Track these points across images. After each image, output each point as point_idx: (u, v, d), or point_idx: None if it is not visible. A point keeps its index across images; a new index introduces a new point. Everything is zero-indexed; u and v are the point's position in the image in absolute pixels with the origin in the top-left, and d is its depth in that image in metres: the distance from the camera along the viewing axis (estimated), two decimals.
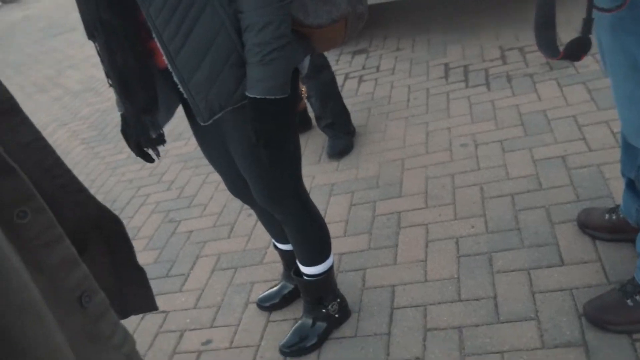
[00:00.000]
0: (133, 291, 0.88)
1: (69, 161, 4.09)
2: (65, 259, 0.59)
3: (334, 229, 2.48)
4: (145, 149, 1.59)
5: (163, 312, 2.33)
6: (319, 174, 2.95)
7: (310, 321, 1.96)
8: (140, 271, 0.88)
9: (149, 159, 1.62)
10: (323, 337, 1.95)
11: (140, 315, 2.34)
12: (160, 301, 2.39)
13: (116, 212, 3.20)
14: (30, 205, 0.56)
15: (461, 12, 4.52)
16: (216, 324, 2.17)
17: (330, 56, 4.40)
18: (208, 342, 2.10)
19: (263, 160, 1.57)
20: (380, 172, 2.80)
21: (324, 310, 1.95)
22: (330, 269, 1.93)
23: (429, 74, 3.65)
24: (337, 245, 2.38)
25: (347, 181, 2.81)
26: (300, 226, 1.80)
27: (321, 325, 1.95)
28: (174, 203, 3.10)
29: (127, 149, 3.86)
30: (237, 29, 1.40)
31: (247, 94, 1.42)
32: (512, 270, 1.99)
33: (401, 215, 2.45)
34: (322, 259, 1.89)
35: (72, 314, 0.60)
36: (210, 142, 1.73)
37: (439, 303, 1.96)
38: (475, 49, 3.79)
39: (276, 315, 2.13)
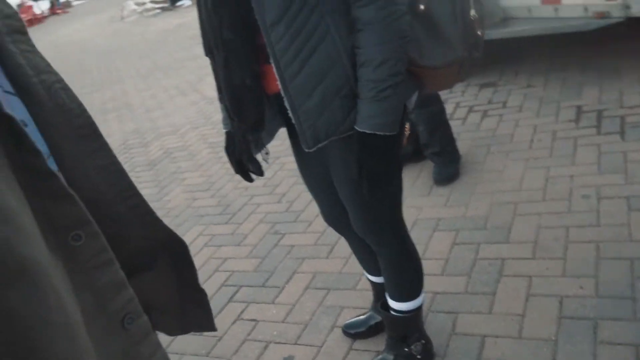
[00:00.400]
0: (193, 310, 0.92)
1: (195, 162, 4.35)
2: (113, 281, 0.62)
3: (431, 266, 2.42)
4: (246, 168, 1.65)
5: (254, 320, 2.39)
6: (427, 207, 2.89)
7: (391, 357, 1.92)
8: (201, 293, 0.91)
9: (249, 178, 1.68)
10: None
11: (232, 319, 2.42)
12: (252, 309, 2.46)
13: (227, 217, 3.35)
14: (85, 229, 0.59)
15: (601, 51, 4.25)
16: (300, 342, 2.20)
17: (457, 87, 4.31)
18: (290, 357, 2.13)
19: (364, 192, 1.57)
20: (490, 213, 2.69)
21: (406, 349, 1.91)
22: (419, 308, 1.88)
23: (558, 115, 3.47)
24: (433, 283, 2.32)
25: (454, 218, 2.73)
26: (394, 260, 1.78)
27: None
28: (282, 216, 3.19)
29: None
30: (352, 62, 1.41)
31: (356, 127, 1.43)
32: (619, 344, 1.83)
33: (505, 263, 2.33)
34: (412, 297, 1.85)
35: (114, 335, 0.62)
36: (311, 168, 1.76)
37: None
38: (614, 93, 3.54)
39: (360, 344, 2.11)
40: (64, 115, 0.68)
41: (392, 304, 1.86)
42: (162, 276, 0.84)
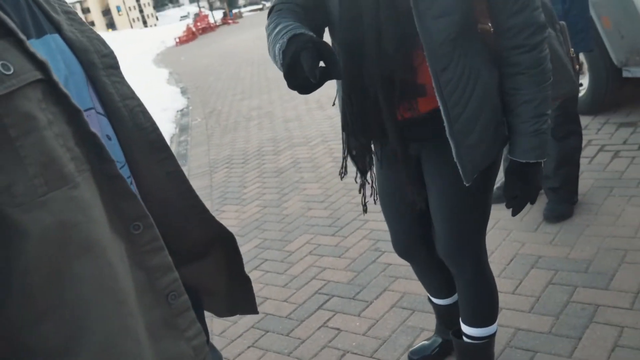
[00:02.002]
0: (240, 295, 1.09)
1: (317, 174, 4.57)
2: (162, 264, 0.77)
3: (520, 302, 2.39)
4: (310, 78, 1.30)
5: (337, 329, 2.52)
6: (530, 243, 2.83)
7: None
8: (246, 279, 1.07)
9: (305, 91, 1.27)
10: None
11: (318, 326, 2.56)
12: (338, 319, 2.59)
13: (335, 230, 3.50)
14: (143, 221, 0.75)
15: None
16: (376, 356, 2.28)
17: (593, 124, 4.13)
18: None
19: (470, 210, 1.69)
20: (595, 257, 2.58)
21: None
22: (492, 336, 1.89)
23: None
24: (518, 319, 2.29)
25: (556, 258, 2.65)
26: (473, 282, 1.81)
27: None
28: (386, 234, 3.26)
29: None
30: (498, 94, 1.56)
31: (517, 159, 1.59)
32: None
33: (598, 309, 2.24)
34: (486, 323, 1.86)
35: (158, 306, 0.77)
36: (395, 191, 1.83)
37: None
38: None
39: None
40: (140, 132, 0.85)
41: (466, 329, 1.89)
42: (214, 264, 1.00)
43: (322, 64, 1.20)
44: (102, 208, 0.70)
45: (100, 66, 0.82)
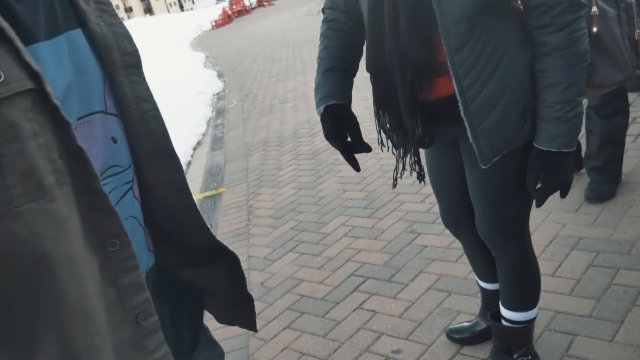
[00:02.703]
0: (241, 310, 1.10)
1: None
2: (135, 283, 0.76)
3: (560, 285, 2.34)
4: (357, 151, 1.65)
5: (373, 311, 2.52)
6: (571, 224, 2.77)
7: None
8: (249, 298, 1.08)
9: (357, 166, 1.67)
10: None
11: (353, 307, 2.57)
12: (374, 302, 2.58)
13: (370, 211, 3.49)
14: (120, 239, 0.74)
15: None
16: (411, 338, 2.27)
17: (637, 99, 3.99)
18: (398, 351, 2.22)
19: (509, 196, 1.63)
20: (638, 239, 2.50)
21: None
22: (532, 321, 1.86)
23: None
24: (557, 302, 2.25)
25: (598, 239, 2.59)
26: (514, 267, 1.78)
27: None
28: (422, 216, 3.25)
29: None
30: (527, 77, 1.48)
31: (538, 146, 1.49)
32: None
33: None
34: (526, 307, 1.84)
35: (127, 326, 0.75)
36: (445, 170, 1.82)
37: None
38: None
39: (468, 349, 2.13)
40: (150, 137, 0.84)
41: (505, 312, 1.86)
42: (220, 274, 1.01)
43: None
44: (78, 223, 0.69)
45: (119, 65, 0.81)
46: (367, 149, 1.62)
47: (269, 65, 11.02)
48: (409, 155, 1.73)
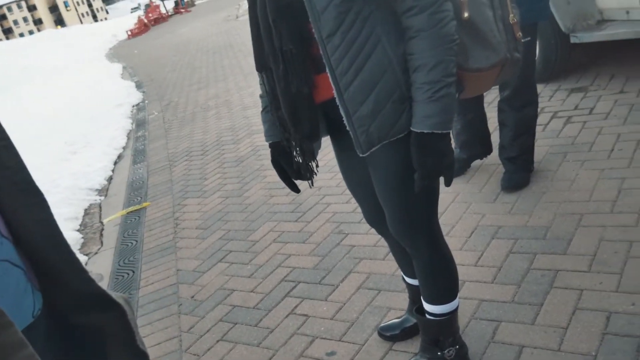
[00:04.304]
0: None
1: None
2: (10, 341, 0.68)
3: (483, 274, 2.42)
4: (294, 179, 1.78)
5: (305, 315, 2.52)
6: (490, 214, 2.87)
7: None
8: (142, 354, 0.98)
9: (296, 189, 1.80)
10: None
11: (285, 313, 2.56)
12: (306, 306, 2.59)
13: (298, 215, 3.49)
14: None
15: None
16: (344, 339, 2.29)
17: (545, 92, 4.19)
18: (332, 353, 2.23)
19: (408, 191, 1.63)
20: (552, 223, 2.63)
21: (439, 353, 1.94)
22: (453, 312, 1.91)
23: None
24: (481, 290, 2.32)
25: (515, 227, 2.69)
26: (428, 263, 1.82)
27: None
28: (348, 216, 3.28)
29: (331, 164, 4.14)
30: (402, 68, 1.51)
31: (413, 129, 1.52)
32: None
33: (558, 275, 2.29)
34: (446, 300, 1.88)
35: None
36: (354, 172, 1.86)
37: None
38: None
39: (400, 345, 2.17)
40: (4, 172, 0.77)
41: (427, 306, 1.90)
42: (111, 324, 0.92)
43: None
44: None
45: None
46: (295, 190, 1.84)
47: (189, 73, 10.85)
48: (297, 151, 1.71)
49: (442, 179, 1.64)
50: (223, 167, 4.84)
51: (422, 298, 1.92)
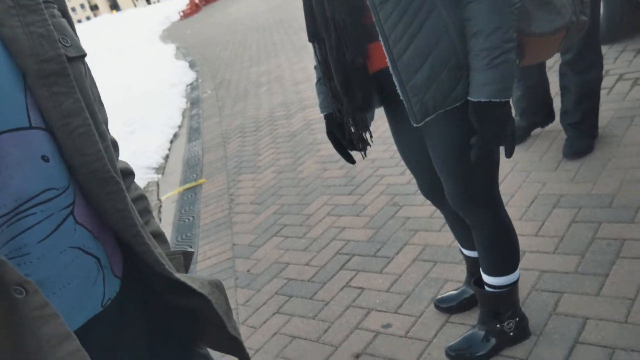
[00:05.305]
0: (232, 346, 0.98)
1: None
2: (55, 333, 0.66)
3: (544, 244, 2.33)
4: (349, 150, 1.75)
5: (360, 288, 2.50)
6: (551, 182, 2.76)
7: (482, 333, 1.91)
8: (233, 338, 0.95)
9: (351, 160, 1.78)
10: (492, 352, 1.89)
11: (341, 286, 2.55)
12: (361, 278, 2.56)
13: (351, 188, 3.46)
14: (25, 286, 0.65)
15: None
16: (400, 311, 2.26)
17: (610, 53, 3.98)
18: (387, 325, 2.21)
19: (467, 162, 1.57)
20: (619, 191, 2.50)
21: (498, 325, 1.89)
22: (514, 284, 1.85)
23: None
24: (542, 261, 2.24)
25: (578, 195, 2.58)
26: (488, 234, 1.77)
27: (492, 339, 1.89)
28: (403, 188, 3.23)
29: (384, 136, 4.09)
30: (458, 34, 1.44)
31: (470, 98, 1.46)
32: None
33: (625, 244, 2.18)
34: (506, 272, 1.82)
35: None
36: (409, 143, 1.81)
37: (632, 350, 1.73)
38: None
39: (456, 317, 2.12)
40: (82, 158, 0.73)
41: (486, 278, 1.85)
42: (202, 308, 0.90)
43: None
44: None
45: (36, 74, 0.69)
46: (351, 161, 1.83)
47: (240, 50, 10.90)
48: (349, 122, 1.67)
49: (502, 149, 1.57)
50: (276, 143, 4.85)
51: (481, 270, 1.86)
